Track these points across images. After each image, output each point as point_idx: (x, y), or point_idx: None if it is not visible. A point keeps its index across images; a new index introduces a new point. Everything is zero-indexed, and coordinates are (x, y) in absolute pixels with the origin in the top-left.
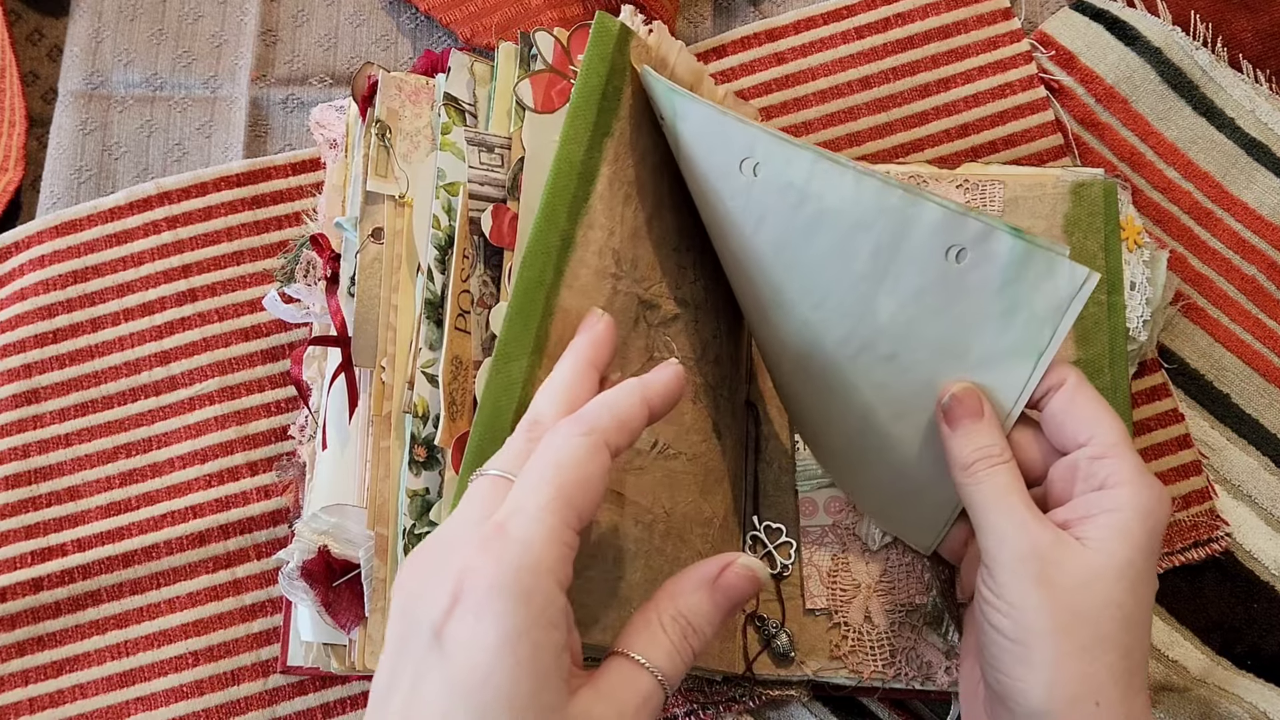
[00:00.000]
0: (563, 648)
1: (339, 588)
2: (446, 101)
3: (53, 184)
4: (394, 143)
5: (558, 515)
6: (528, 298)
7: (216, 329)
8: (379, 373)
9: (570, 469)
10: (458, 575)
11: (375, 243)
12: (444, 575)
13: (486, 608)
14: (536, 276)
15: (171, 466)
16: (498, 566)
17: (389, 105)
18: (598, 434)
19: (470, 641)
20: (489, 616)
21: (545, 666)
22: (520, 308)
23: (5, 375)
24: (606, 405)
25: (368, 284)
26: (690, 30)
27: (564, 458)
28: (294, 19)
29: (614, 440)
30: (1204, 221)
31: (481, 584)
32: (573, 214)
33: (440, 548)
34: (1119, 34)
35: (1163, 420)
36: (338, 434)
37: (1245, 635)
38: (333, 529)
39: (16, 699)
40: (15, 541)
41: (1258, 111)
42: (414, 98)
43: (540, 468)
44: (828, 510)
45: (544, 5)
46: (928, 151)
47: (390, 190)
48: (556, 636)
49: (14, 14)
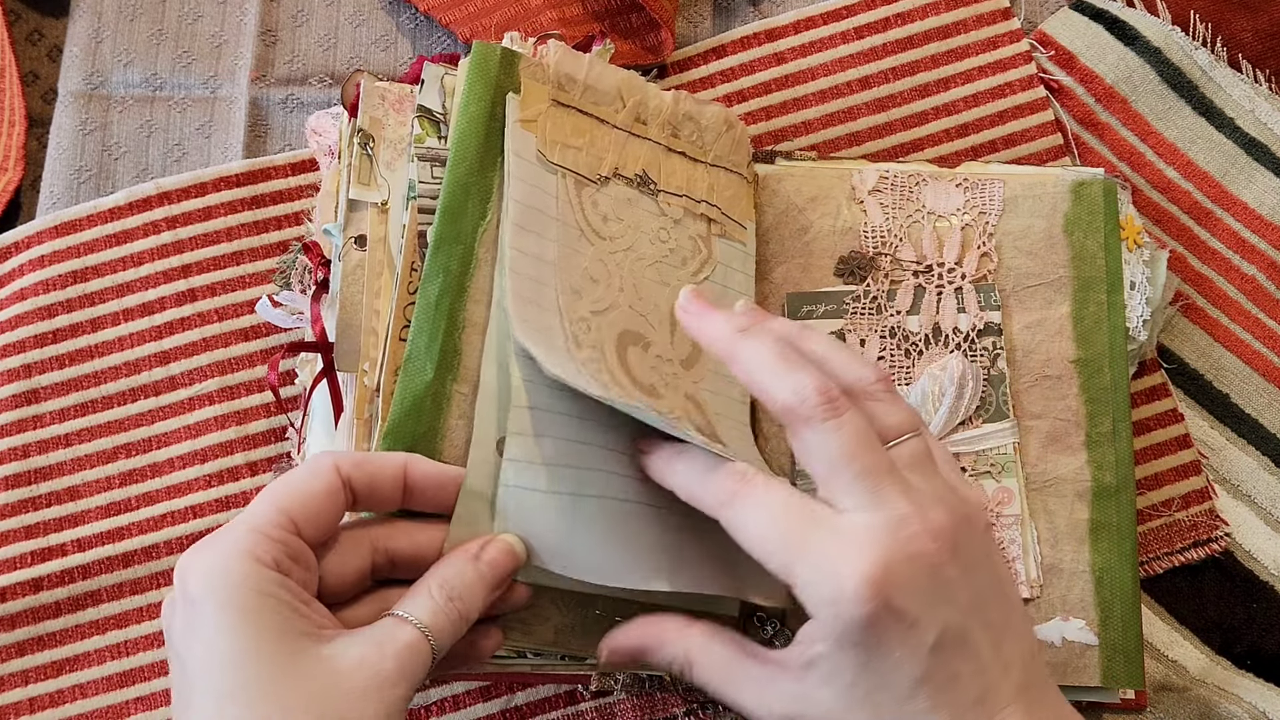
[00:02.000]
0: (286, 607)
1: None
2: (420, 113)
3: (52, 184)
4: (377, 151)
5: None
6: (426, 316)
7: (216, 329)
8: (361, 377)
9: (284, 484)
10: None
11: (358, 249)
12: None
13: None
14: (435, 296)
15: (171, 466)
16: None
17: (371, 114)
18: (328, 457)
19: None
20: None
21: (266, 623)
22: (421, 325)
23: (5, 375)
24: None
25: (350, 290)
26: (690, 30)
27: (289, 477)
28: (294, 19)
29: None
30: (1204, 221)
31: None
32: (470, 232)
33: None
34: (1119, 34)
35: (1162, 420)
36: (325, 437)
37: (1245, 635)
38: None
39: (16, 699)
40: (15, 541)
41: (1257, 111)
42: (398, 106)
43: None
44: None
45: (543, 5)
46: (927, 151)
47: (373, 198)
48: (271, 601)
49: (14, 14)
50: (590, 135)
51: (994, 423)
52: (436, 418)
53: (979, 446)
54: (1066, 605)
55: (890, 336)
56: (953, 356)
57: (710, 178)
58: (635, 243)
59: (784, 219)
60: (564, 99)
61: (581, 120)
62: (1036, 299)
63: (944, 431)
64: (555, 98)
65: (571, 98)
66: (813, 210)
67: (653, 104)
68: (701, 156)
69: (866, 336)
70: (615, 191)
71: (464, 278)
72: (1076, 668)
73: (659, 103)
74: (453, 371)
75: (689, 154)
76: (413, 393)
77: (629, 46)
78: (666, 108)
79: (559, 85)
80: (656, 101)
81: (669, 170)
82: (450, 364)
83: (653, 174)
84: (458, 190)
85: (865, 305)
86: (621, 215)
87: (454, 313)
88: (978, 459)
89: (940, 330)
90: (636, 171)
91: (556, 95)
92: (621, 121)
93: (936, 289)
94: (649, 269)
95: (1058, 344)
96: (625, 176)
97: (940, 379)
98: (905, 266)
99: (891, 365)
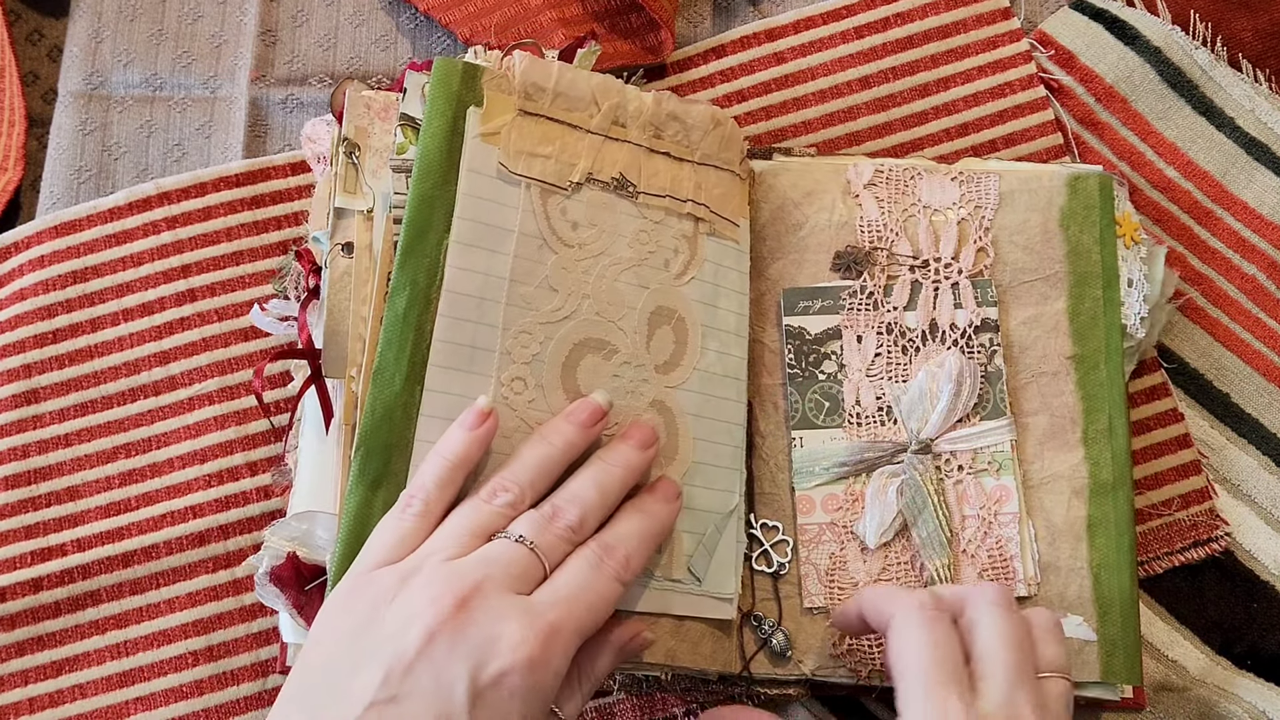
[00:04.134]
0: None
1: (310, 592)
2: (403, 121)
3: (52, 184)
4: (363, 160)
5: (581, 638)
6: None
7: (216, 329)
8: (349, 383)
9: (606, 610)
10: (513, 652)
11: (345, 256)
12: (497, 639)
13: (519, 699)
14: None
15: (171, 466)
16: (545, 670)
17: (356, 123)
18: (625, 583)
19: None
20: (518, 709)
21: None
22: (389, 337)
23: (5, 375)
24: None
25: (338, 297)
26: (690, 30)
27: (604, 596)
28: (294, 19)
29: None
30: (1204, 221)
31: (530, 677)
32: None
33: (481, 599)
34: (1118, 33)
35: (1162, 420)
36: (316, 441)
37: (1245, 635)
38: (302, 535)
39: (16, 699)
40: (15, 541)
41: (1257, 111)
42: (384, 114)
43: (592, 596)
44: (825, 508)
45: (543, 5)
46: (927, 151)
47: (358, 206)
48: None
49: (14, 14)
50: (560, 142)
51: (991, 420)
52: (406, 428)
53: (976, 444)
54: (1064, 602)
55: (887, 333)
56: (950, 353)
57: (697, 176)
58: (609, 247)
59: (779, 215)
60: (531, 108)
61: (551, 128)
62: (1033, 294)
63: (941, 429)
64: (522, 107)
65: (540, 106)
66: (808, 205)
67: (632, 106)
68: (688, 155)
69: (864, 333)
70: (588, 197)
71: (430, 289)
72: (1075, 664)
73: (639, 104)
74: (421, 382)
75: (673, 153)
76: (383, 403)
77: (629, 46)
78: (647, 109)
79: (526, 95)
80: (636, 103)
81: (651, 171)
82: (418, 375)
83: (632, 176)
84: (422, 205)
85: (862, 300)
86: (595, 220)
87: (421, 324)
88: (975, 456)
89: (937, 326)
90: (614, 175)
91: (524, 105)
92: (597, 126)
93: (933, 284)
94: (624, 273)
95: (1054, 340)
96: (601, 181)
97: (938, 376)
98: (901, 261)
99: (889, 362)
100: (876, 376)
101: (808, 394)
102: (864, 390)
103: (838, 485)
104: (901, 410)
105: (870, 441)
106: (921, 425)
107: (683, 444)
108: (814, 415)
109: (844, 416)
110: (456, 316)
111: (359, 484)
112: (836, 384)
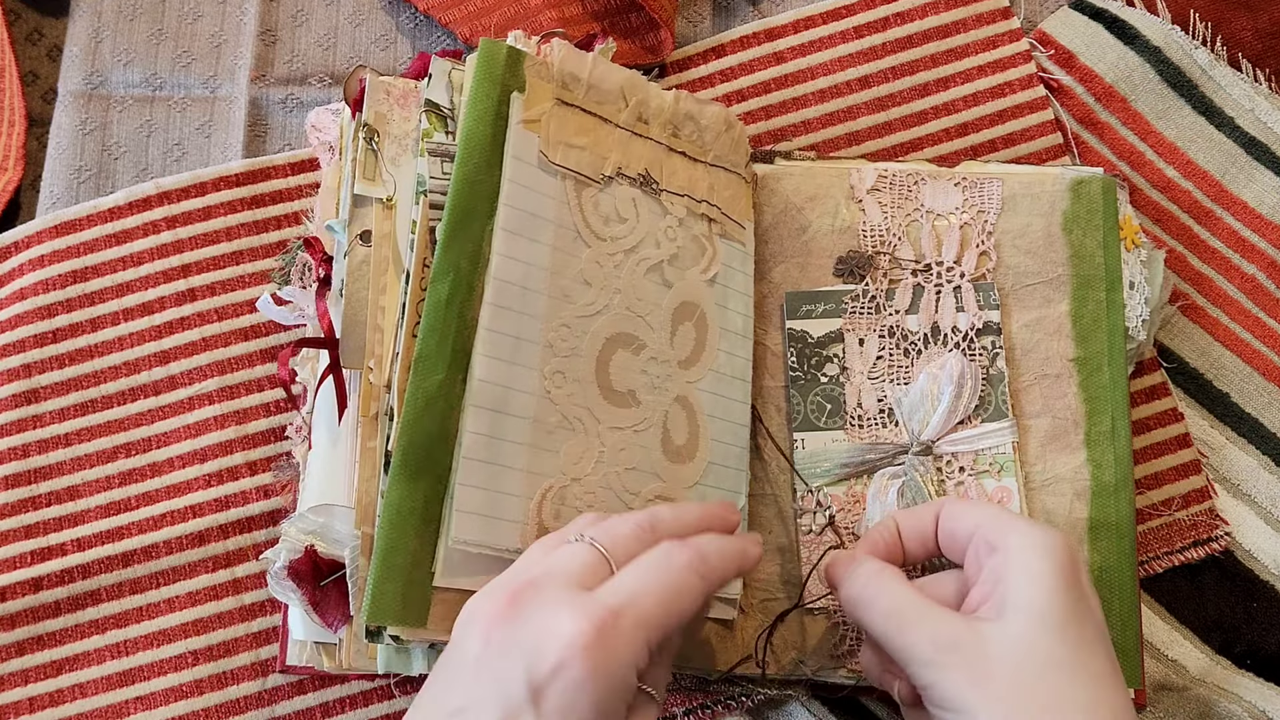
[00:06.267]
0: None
1: (326, 587)
2: (428, 108)
3: (52, 184)
4: (382, 146)
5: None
6: (437, 315)
7: (216, 329)
8: (367, 374)
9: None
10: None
11: (363, 245)
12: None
13: (585, 690)
14: (445, 295)
15: (171, 466)
16: (609, 658)
17: (376, 109)
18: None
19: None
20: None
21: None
22: (432, 325)
23: (5, 375)
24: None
25: (355, 286)
26: (689, 30)
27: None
28: (293, 19)
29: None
30: (1203, 220)
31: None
32: (479, 229)
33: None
34: (1118, 33)
35: (1162, 419)
36: (328, 434)
37: (1245, 634)
38: (320, 529)
39: (16, 699)
40: (15, 541)
41: (1257, 110)
42: (402, 101)
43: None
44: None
45: (543, 5)
46: (926, 151)
47: (378, 193)
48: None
49: (14, 14)
50: (594, 135)
51: (993, 422)
52: (448, 417)
53: (978, 446)
54: None
55: (889, 336)
56: (951, 355)
57: (710, 177)
58: (639, 243)
59: (782, 218)
60: (568, 98)
61: (585, 119)
62: (1035, 297)
63: (942, 431)
64: (559, 96)
65: (575, 97)
66: (811, 209)
67: (654, 103)
68: (701, 156)
69: (865, 336)
70: (619, 191)
71: (473, 276)
72: None
73: (660, 102)
74: (464, 371)
75: (689, 154)
76: (425, 392)
77: (629, 46)
78: (668, 107)
79: (563, 84)
80: (658, 101)
81: (670, 170)
82: (461, 363)
83: (655, 173)
84: (465, 188)
85: (864, 304)
86: (625, 215)
87: (464, 311)
88: (977, 458)
89: (939, 329)
90: (639, 171)
91: (560, 94)
92: (624, 121)
93: (935, 288)
94: (651, 269)
95: (1056, 342)
96: (628, 176)
97: (939, 378)
98: (904, 265)
99: (890, 364)
100: (878, 379)
101: (810, 396)
102: (865, 392)
103: (839, 486)
104: (903, 412)
105: (872, 443)
106: (922, 427)
107: (702, 442)
108: (816, 417)
109: (845, 418)
110: (503, 305)
111: (400, 476)
112: (838, 386)
